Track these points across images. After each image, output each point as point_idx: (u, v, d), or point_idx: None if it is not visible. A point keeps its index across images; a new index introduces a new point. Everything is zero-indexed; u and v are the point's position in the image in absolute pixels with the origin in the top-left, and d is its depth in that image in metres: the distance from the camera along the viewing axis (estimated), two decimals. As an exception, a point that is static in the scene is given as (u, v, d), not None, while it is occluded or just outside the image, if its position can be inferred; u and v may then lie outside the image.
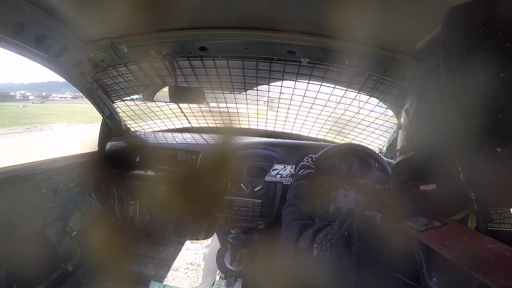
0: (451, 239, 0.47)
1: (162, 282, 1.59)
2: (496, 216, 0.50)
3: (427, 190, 0.54)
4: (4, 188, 1.11)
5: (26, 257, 1.16)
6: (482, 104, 0.38)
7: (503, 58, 0.35)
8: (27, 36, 0.93)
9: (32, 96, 63.59)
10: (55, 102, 32.60)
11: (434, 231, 0.50)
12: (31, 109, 23.91)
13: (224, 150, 1.71)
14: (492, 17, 0.36)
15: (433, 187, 0.54)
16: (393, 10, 0.78)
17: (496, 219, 0.49)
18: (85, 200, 1.60)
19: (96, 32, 1.10)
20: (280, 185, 1.51)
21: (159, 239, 2.01)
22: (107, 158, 1.70)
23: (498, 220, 0.49)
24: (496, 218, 0.50)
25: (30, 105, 31.13)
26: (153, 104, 1.70)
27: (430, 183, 0.54)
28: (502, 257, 0.42)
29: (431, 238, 0.48)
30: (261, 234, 1.69)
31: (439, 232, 0.49)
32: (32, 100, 51.38)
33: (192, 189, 1.58)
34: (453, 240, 0.46)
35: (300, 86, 1.42)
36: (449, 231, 0.49)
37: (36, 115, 17.41)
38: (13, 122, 12.99)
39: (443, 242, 0.46)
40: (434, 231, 0.50)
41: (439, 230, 0.50)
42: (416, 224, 0.53)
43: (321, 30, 0.97)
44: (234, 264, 1.29)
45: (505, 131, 0.37)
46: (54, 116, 16.49)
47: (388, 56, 1.02)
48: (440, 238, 0.47)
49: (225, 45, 1.12)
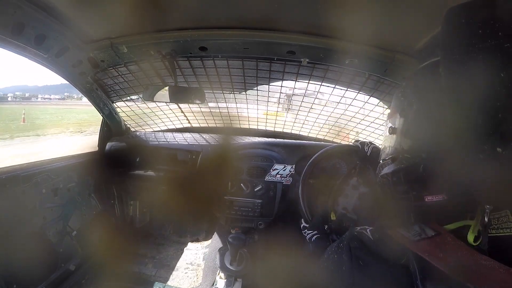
0: (445, 252, 0.46)
1: (162, 282, 1.59)
2: (494, 221, 0.49)
3: (434, 200, 0.51)
4: (4, 188, 1.11)
5: (26, 257, 1.16)
6: (482, 104, 0.37)
7: (503, 58, 0.35)
8: (27, 36, 0.93)
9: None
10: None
11: (428, 242, 0.49)
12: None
13: (224, 150, 1.71)
14: (492, 17, 0.36)
15: (442, 198, 0.50)
16: (393, 10, 0.78)
17: (494, 224, 0.49)
18: (85, 200, 1.60)
19: (96, 32, 1.10)
20: (280, 185, 1.51)
21: (159, 239, 2.00)
22: (107, 158, 1.70)
23: (496, 225, 0.48)
24: (494, 223, 0.49)
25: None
26: (153, 104, 1.70)
27: (438, 193, 0.51)
28: (495, 272, 0.42)
29: (425, 249, 0.47)
30: (261, 234, 1.69)
31: (433, 243, 0.49)
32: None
33: (192, 189, 1.58)
34: (447, 253, 0.46)
35: (300, 86, 1.42)
36: (443, 243, 0.49)
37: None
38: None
39: (437, 254, 0.46)
40: (428, 242, 0.49)
41: (433, 241, 0.49)
42: (410, 233, 0.52)
43: (321, 30, 0.97)
44: (234, 264, 1.29)
45: (505, 131, 0.36)
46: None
47: (388, 56, 1.02)
48: (434, 250, 0.47)
49: (225, 45, 1.12)
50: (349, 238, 0.59)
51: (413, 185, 0.54)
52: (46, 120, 13.84)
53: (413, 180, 0.54)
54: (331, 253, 0.61)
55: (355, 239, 0.58)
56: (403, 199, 0.55)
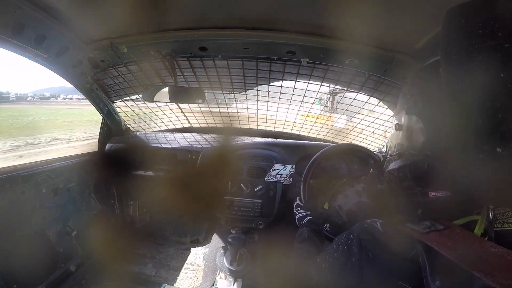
0: (453, 241, 0.47)
1: (162, 282, 1.59)
2: (499, 216, 0.49)
3: (438, 196, 0.52)
4: (4, 188, 1.11)
5: (26, 257, 1.16)
6: (482, 104, 0.37)
7: (503, 58, 0.35)
8: (27, 36, 0.93)
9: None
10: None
11: (437, 234, 0.50)
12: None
13: (224, 150, 1.71)
14: (492, 17, 0.36)
15: (446, 194, 0.52)
16: (393, 10, 0.78)
17: (500, 218, 0.49)
18: (85, 200, 1.60)
19: (96, 32, 1.10)
20: (280, 185, 1.51)
21: (159, 239, 2.00)
22: (107, 158, 1.70)
23: (501, 220, 0.49)
24: (500, 217, 0.49)
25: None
26: (153, 104, 1.70)
27: (442, 189, 0.52)
28: (503, 260, 0.42)
29: (433, 239, 0.48)
30: (261, 234, 1.69)
31: (441, 235, 0.49)
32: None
33: (192, 189, 1.58)
34: (456, 243, 0.46)
35: (300, 86, 1.42)
36: (452, 234, 0.49)
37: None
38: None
39: (445, 243, 0.46)
40: (437, 234, 0.50)
41: (442, 233, 0.50)
42: (419, 227, 0.52)
43: (321, 30, 0.97)
44: (234, 264, 1.29)
45: (505, 131, 0.36)
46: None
47: (388, 56, 1.02)
48: (442, 240, 0.47)
49: (225, 45, 1.12)
50: (359, 230, 0.60)
51: (418, 181, 0.55)
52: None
53: (418, 176, 0.55)
54: (340, 244, 0.61)
55: (365, 231, 0.58)
56: (409, 195, 0.56)
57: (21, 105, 32.56)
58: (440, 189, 0.52)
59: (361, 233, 0.59)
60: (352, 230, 0.62)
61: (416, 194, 0.55)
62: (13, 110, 21.28)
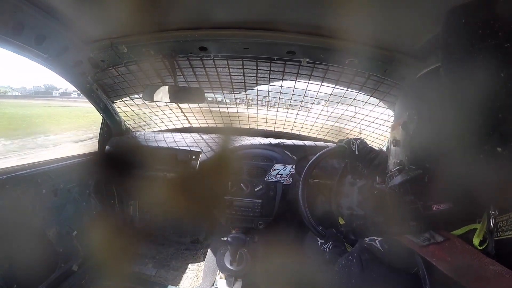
0: (453, 255, 0.46)
1: (162, 282, 1.59)
2: (502, 223, 0.48)
3: (441, 209, 0.52)
4: (4, 188, 1.11)
5: (26, 257, 1.16)
6: (482, 104, 0.37)
7: (503, 58, 0.35)
8: (27, 36, 0.92)
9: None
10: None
11: (437, 247, 0.49)
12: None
13: (224, 150, 1.71)
14: (492, 17, 0.36)
15: (448, 206, 0.51)
16: (393, 10, 0.78)
17: (503, 225, 0.48)
18: (85, 200, 1.60)
19: (96, 32, 1.10)
20: (280, 185, 1.50)
21: (159, 239, 2.00)
22: (107, 158, 1.70)
23: (505, 227, 0.48)
24: (503, 225, 0.48)
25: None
26: (153, 104, 1.70)
27: (444, 201, 0.52)
28: (501, 277, 0.42)
29: (433, 253, 0.47)
30: (261, 234, 1.69)
31: (441, 248, 0.49)
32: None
33: (192, 189, 1.58)
34: (455, 257, 0.46)
35: (300, 86, 1.42)
36: (452, 248, 0.49)
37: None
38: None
39: (445, 258, 0.46)
40: (437, 247, 0.49)
41: (442, 246, 0.49)
42: (419, 239, 0.52)
43: (321, 30, 0.97)
44: (234, 264, 1.29)
45: (505, 131, 0.36)
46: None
47: (388, 56, 1.02)
48: (442, 254, 0.47)
49: (225, 45, 1.12)
50: (359, 251, 0.59)
51: (420, 195, 0.55)
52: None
53: (419, 191, 0.55)
54: (341, 266, 0.61)
55: (365, 251, 0.58)
56: (412, 210, 0.56)
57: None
58: (442, 201, 0.52)
59: (361, 253, 0.58)
60: (352, 250, 0.62)
61: (419, 209, 0.54)
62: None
